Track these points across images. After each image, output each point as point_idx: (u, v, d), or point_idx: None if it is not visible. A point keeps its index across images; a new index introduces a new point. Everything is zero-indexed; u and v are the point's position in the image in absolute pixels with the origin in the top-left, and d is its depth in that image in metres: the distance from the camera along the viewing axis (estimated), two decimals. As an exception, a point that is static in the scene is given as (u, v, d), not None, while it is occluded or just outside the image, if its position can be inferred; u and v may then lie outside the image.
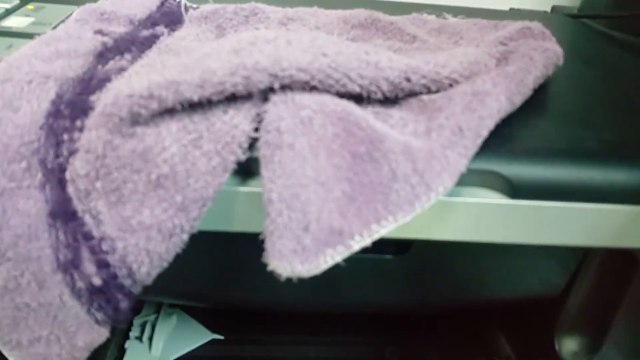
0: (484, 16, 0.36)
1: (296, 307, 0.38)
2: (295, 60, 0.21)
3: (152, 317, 0.43)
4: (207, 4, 0.36)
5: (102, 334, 0.23)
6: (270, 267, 0.20)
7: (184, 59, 0.22)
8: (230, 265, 0.32)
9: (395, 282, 0.32)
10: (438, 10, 0.39)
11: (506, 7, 0.52)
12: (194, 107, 0.21)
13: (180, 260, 0.21)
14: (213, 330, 0.43)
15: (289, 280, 0.20)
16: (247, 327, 0.43)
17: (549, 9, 0.54)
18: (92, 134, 0.20)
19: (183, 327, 0.43)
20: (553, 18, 0.47)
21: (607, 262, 0.30)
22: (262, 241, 0.20)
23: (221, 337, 0.43)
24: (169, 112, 0.21)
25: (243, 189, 0.23)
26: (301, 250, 0.20)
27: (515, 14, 0.47)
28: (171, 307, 0.44)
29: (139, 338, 0.42)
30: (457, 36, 0.34)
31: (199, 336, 0.42)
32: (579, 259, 0.30)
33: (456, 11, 0.38)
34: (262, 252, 0.20)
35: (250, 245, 0.22)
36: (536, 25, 0.30)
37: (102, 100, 0.20)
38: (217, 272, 0.33)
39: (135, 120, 0.20)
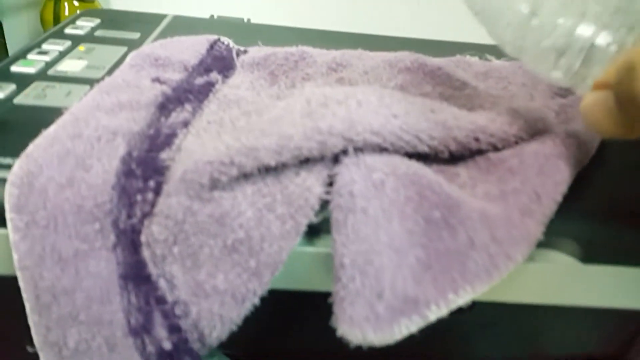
0: None
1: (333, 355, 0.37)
2: (368, 124, 0.21)
3: None
4: (255, 46, 0.36)
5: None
6: (339, 333, 0.20)
7: (258, 123, 0.22)
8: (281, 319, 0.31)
9: (446, 337, 0.31)
10: (479, 50, 0.39)
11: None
12: (267, 169, 0.21)
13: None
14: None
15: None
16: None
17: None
18: (172, 200, 0.20)
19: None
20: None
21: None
22: (327, 303, 0.20)
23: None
24: (244, 175, 0.21)
25: (309, 249, 0.23)
26: (374, 319, 0.19)
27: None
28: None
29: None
30: (504, 81, 0.34)
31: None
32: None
33: (494, 51, 0.38)
34: (315, 312, 0.20)
35: (304, 303, 0.22)
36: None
37: (181, 166, 0.20)
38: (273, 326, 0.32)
39: (214, 185, 0.20)
